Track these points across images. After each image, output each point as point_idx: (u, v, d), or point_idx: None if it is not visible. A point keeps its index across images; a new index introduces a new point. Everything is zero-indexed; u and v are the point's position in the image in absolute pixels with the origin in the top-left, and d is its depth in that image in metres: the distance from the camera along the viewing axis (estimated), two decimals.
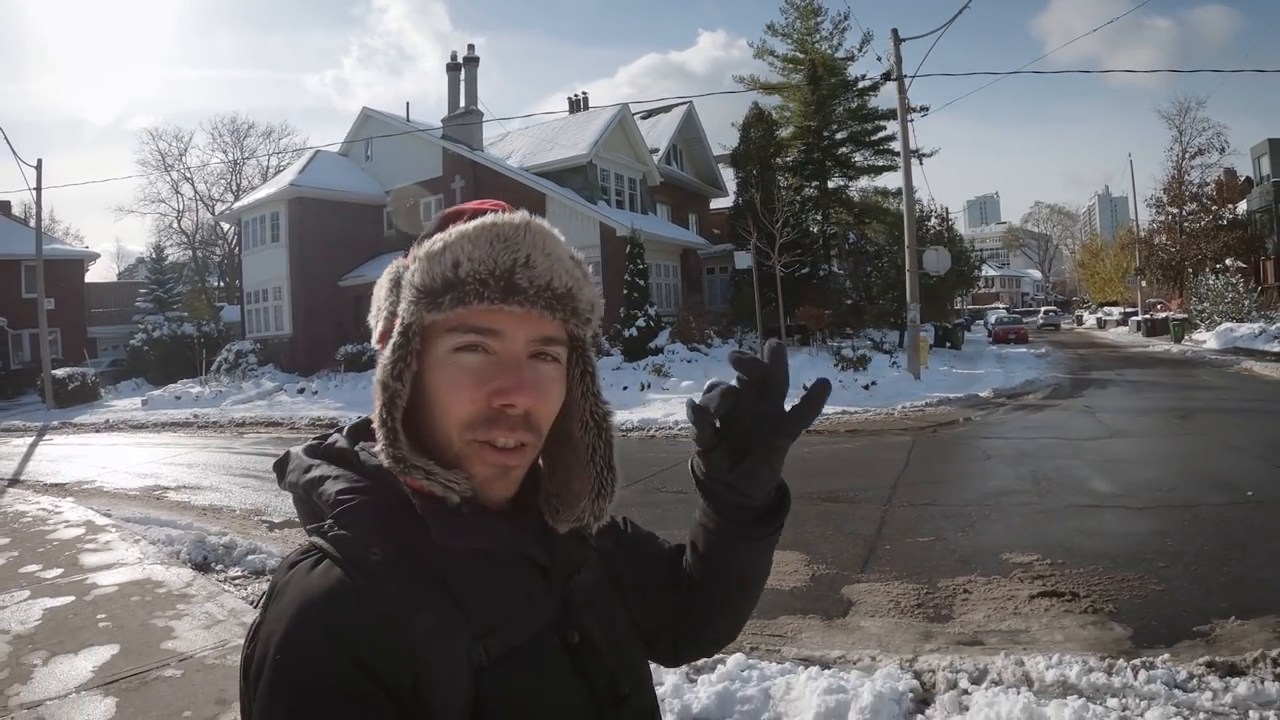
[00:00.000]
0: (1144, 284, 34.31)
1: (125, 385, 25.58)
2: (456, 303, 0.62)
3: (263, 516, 6.77)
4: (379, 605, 0.57)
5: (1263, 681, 2.95)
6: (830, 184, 23.94)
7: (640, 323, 17.70)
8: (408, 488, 0.63)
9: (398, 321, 0.64)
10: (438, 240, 0.64)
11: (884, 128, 23.21)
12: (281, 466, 0.70)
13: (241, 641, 0.61)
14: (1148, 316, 31.14)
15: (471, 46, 23.23)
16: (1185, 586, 4.10)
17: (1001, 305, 62.92)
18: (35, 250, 22.26)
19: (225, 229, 39.57)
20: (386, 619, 0.57)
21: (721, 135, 23.67)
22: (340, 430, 0.71)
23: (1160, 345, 24.34)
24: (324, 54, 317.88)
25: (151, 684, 3.17)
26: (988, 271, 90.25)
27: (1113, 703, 2.87)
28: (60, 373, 22.25)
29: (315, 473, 0.66)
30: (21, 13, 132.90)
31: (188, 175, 40.95)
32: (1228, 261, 28.69)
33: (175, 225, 41.92)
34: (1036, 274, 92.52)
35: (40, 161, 21.82)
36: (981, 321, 41.06)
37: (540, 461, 0.73)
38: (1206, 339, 23.81)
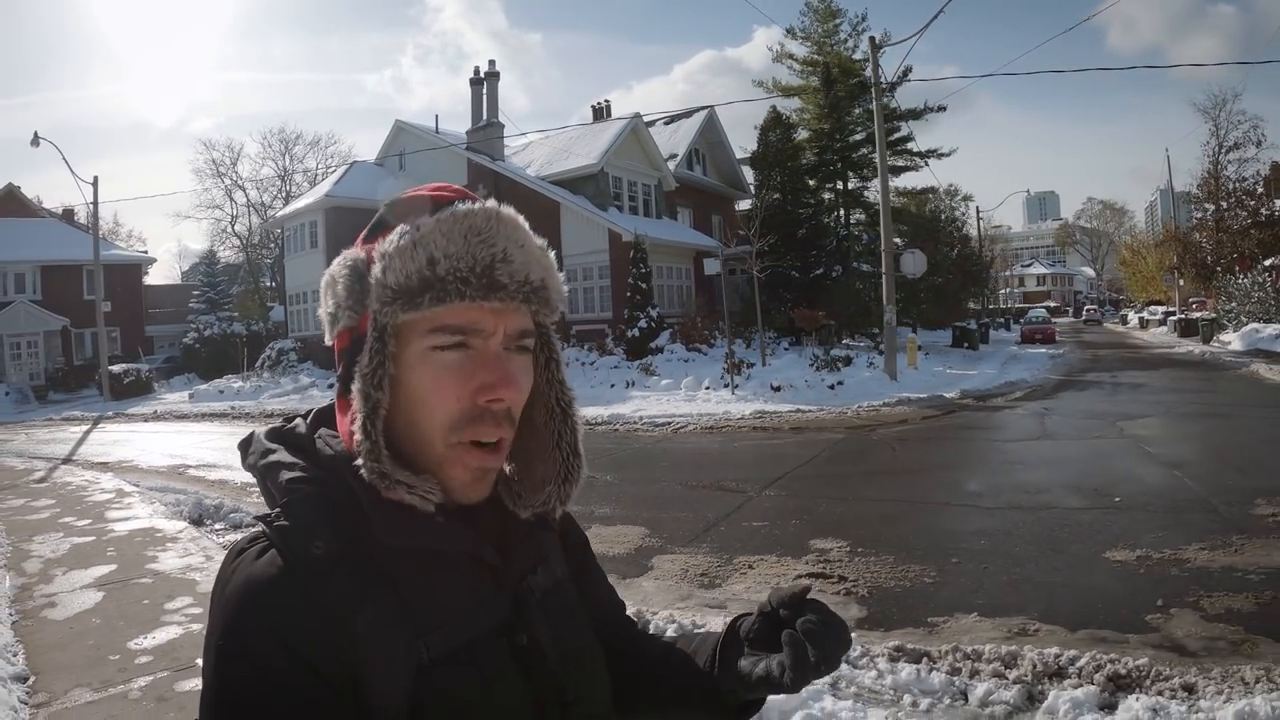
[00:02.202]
0: (1181, 282, 33.56)
1: (178, 380, 27.54)
2: (436, 302, 0.60)
3: (256, 487, 7.92)
4: (320, 598, 0.57)
5: (930, 671, 3.10)
6: (850, 185, 24.34)
7: (642, 324, 18.56)
8: (354, 481, 0.61)
9: (369, 322, 0.62)
10: (404, 235, 0.61)
11: (899, 128, 23.50)
12: (245, 448, 0.70)
13: (200, 564, 0.91)
14: (1182, 316, 30.36)
15: (493, 62, 24.52)
16: (959, 582, 4.17)
17: (1051, 303, 61.87)
18: (93, 256, 24.42)
19: (275, 233, 41.91)
20: (327, 613, 0.57)
21: (752, 138, 24.19)
22: (306, 415, 0.71)
23: (1186, 346, 23.81)
24: (381, 54, 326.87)
25: (129, 586, 4.43)
26: (1038, 269, 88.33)
27: None
28: (116, 368, 24.36)
29: (272, 458, 0.65)
30: (91, 22, 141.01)
31: (240, 183, 43.59)
32: (1267, 261, 27.96)
33: (229, 229, 44.62)
34: (1090, 271, 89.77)
35: (96, 178, 24.07)
36: (1022, 321, 40.66)
37: None
38: (1232, 340, 23.41)
